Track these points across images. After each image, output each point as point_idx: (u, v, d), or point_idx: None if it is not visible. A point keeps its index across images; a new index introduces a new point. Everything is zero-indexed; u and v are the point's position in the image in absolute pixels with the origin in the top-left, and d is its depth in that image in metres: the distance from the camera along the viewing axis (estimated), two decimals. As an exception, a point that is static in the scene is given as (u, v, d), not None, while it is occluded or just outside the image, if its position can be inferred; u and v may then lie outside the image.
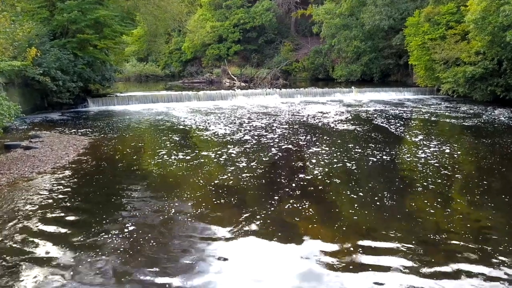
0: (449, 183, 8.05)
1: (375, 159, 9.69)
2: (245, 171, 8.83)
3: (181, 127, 15.06)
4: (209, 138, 12.83)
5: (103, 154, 10.65)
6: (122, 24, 21.02)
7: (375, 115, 17.29)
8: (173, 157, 10.10)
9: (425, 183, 7.89)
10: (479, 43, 19.03)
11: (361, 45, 32.03)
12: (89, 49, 20.66)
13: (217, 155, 10.30)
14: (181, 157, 10.23)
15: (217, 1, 45.45)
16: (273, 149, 10.92)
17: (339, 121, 15.78)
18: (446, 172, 8.66)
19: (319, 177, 8.46)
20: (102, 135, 13.18)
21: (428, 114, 17.67)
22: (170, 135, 13.54)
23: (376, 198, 7.15)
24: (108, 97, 22.56)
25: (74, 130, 14.02)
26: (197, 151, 11.10)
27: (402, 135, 13.24)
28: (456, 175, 8.54)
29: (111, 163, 9.65)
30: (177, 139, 13.00)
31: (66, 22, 19.47)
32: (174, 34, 51.54)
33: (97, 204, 7.03)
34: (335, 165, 9.27)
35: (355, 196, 7.33)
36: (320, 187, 7.84)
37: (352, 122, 15.61)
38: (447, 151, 10.51)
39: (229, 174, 8.61)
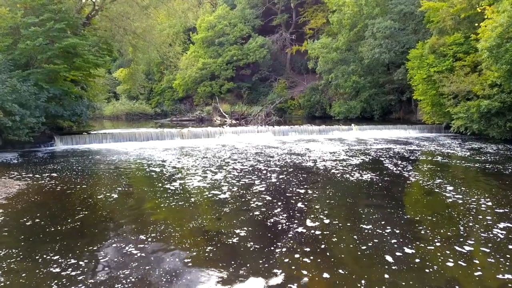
0: (473, 240, 5.42)
1: (385, 216, 7.09)
2: (225, 234, 6.19)
3: (147, 172, 12.44)
4: (180, 191, 10.13)
5: (27, 205, 7.95)
6: (96, 55, 18.94)
7: (379, 157, 14.76)
8: (125, 217, 7.44)
9: (442, 238, 5.30)
10: (495, 73, 16.87)
11: (360, 80, 30.07)
12: (61, 81, 18.47)
13: (183, 217, 7.66)
14: (138, 216, 7.60)
15: (210, 38, 44.27)
16: (261, 208, 8.31)
17: (339, 164, 13.19)
18: (470, 227, 6.03)
19: (319, 236, 5.81)
20: (45, 180, 10.53)
21: (441, 156, 15.00)
22: (133, 184, 10.86)
23: (386, 258, 4.68)
24: (79, 135, 20.10)
25: (14, 174, 11.40)
26: (157, 212, 8.44)
27: (415, 182, 10.59)
28: (484, 235, 5.90)
29: (30, 218, 6.96)
30: (140, 189, 10.35)
31: (31, 51, 17.40)
32: (166, 73, 50.21)
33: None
34: (337, 224, 6.65)
35: (360, 254, 5.00)
36: (318, 249, 5.18)
37: (354, 165, 13.01)
38: (472, 203, 7.93)
39: (205, 240, 5.96)
